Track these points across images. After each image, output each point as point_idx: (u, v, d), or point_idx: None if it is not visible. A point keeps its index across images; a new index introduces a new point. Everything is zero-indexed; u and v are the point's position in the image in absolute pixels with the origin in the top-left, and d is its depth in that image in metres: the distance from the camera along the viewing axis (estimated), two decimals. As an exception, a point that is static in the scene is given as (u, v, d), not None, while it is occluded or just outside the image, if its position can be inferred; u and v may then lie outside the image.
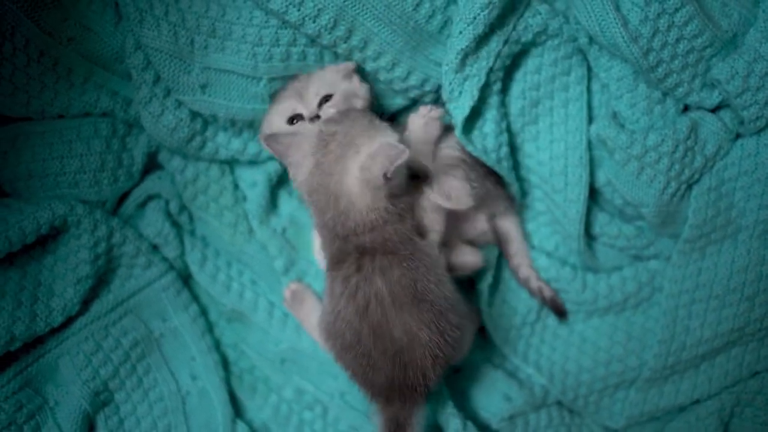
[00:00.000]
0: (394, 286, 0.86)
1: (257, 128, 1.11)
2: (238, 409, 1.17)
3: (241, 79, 1.04)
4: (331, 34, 0.98)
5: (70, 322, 1.06)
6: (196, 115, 1.08)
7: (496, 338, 1.17)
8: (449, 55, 0.97)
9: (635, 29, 0.92)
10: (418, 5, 0.97)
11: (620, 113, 1.03)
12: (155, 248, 1.15)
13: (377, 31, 0.98)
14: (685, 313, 1.10)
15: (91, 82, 1.08)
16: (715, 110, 1.02)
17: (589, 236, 1.14)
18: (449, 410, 1.06)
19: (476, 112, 1.01)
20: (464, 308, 0.98)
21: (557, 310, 1.16)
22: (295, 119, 1.01)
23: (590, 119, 1.07)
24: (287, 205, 1.17)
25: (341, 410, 1.14)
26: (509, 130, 1.07)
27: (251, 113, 1.07)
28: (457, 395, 1.13)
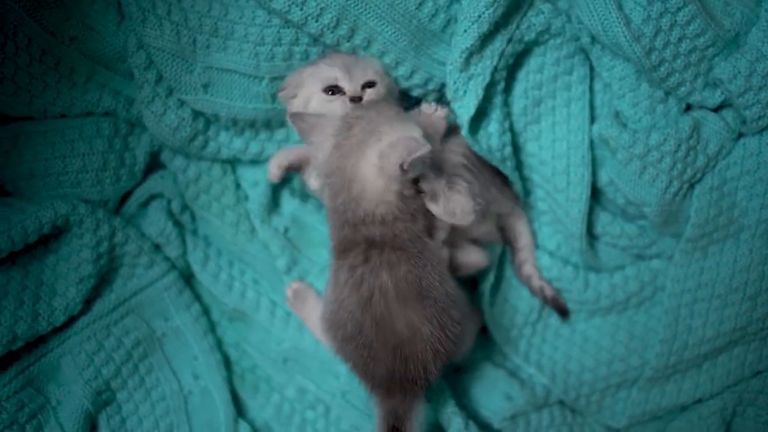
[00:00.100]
0: (399, 281, 0.86)
1: (259, 128, 1.11)
2: (240, 408, 1.16)
3: (243, 78, 1.04)
4: (333, 33, 0.98)
5: (72, 321, 1.06)
6: (198, 114, 1.08)
7: (497, 338, 1.17)
8: (453, 54, 0.97)
9: (638, 28, 0.92)
10: (420, 4, 0.97)
11: (622, 112, 1.03)
12: (157, 247, 1.15)
13: (380, 30, 0.97)
14: (687, 312, 1.10)
15: (93, 81, 1.08)
16: (717, 109, 1.02)
17: (591, 235, 1.14)
18: (451, 409, 1.05)
19: (481, 111, 1.01)
20: (466, 305, 0.98)
21: (559, 309, 1.16)
22: (333, 91, 0.97)
23: (592, 118, 1.07)
24: (289, 204, 1.17)
25: (343, 409, 1.14)
26: (512, 129, 1.07)
27: (253, 113, 1.07)
28: (458, 394, 1.13)
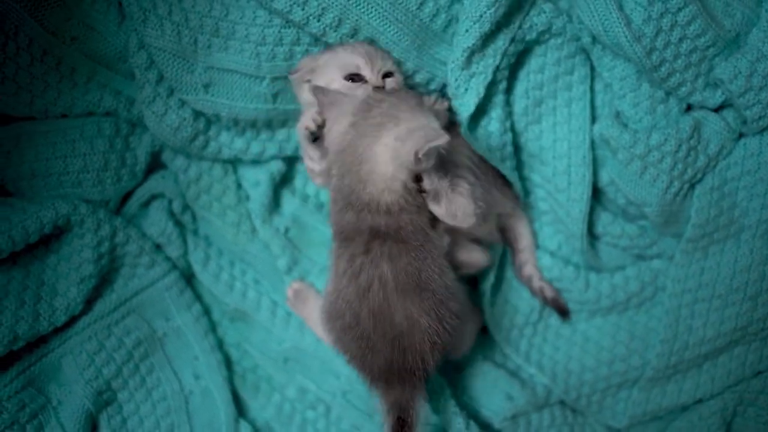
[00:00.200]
0: (399, 272, 0.86)
1: (260, 128, 1.11)
2: (241, 408, 1.16)
3: (244, 78, 1.04)
4: (335, 32, 0.97)
5: (73, 321, 1.06)
6: (199, 114, 1.08)
7: (498, 338, 1.17)
8: (455, 52, 0.97)
9: (638, 28, 0.92)
10: (422, 4, 0.97)
11: (623, 112, 1.03)
12: (158, 248, 1.15)
13: (382, 29, 0.97)
14: (687, 312, 1.10)
15: (94, 81, 1.08)
16: (718, 110, 1.02)
17: (592, 236, 1.14)
18: (452, 409, 1.05)
19: (481, 110, 1.01)
20: (465, 298, 0.97)
21: (560, 309, 1.16)
22: (354, 78, 0.97)
23: (593, 118, 1.07)
24: (290, 204, 1.17)
25: (344, 409, 1.14)
26: (513, 129, 1.07)
27: (254, 113, 1.07)
28: (459, 394, 1.14)
